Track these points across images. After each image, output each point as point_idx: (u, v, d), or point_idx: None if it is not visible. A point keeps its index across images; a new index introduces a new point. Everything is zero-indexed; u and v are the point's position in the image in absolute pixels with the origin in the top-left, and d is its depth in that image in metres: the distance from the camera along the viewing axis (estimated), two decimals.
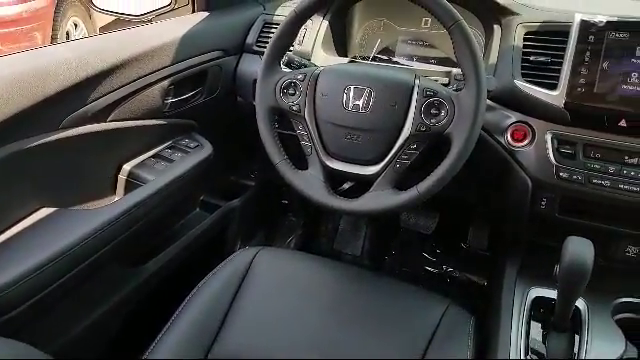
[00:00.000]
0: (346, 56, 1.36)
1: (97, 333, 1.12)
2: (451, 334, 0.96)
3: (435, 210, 1.77)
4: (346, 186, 1.18)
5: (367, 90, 0.97)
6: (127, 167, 1.14)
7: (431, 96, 0.93)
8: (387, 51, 1.36)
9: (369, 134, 0.97)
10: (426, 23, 1.32)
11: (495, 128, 1.05)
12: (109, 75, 1.04)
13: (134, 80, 1.10)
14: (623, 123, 0.93)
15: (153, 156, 1.20)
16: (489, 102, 1.06)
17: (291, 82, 1.02)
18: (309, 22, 1.29)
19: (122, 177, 1.14)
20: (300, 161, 1.05)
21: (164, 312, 0.99)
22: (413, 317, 1.00)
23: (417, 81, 0.96)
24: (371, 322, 0.99)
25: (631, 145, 0.95)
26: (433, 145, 0.97)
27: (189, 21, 1.30)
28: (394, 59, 1.34)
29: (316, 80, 1.01)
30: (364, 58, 1.37)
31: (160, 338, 0.92)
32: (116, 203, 1.05)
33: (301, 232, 1.81)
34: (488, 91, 0.99)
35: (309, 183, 1.02)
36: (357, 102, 0.97)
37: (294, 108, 1.02)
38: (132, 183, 1.12)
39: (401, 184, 0.98)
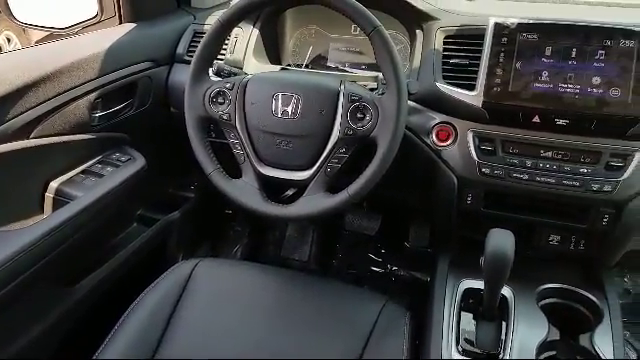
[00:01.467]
0: (280, 64, 1.38)
1: (34, 352, 1.09)
2: (388, 330, 0.98)
3: (378, 212, 1.80)
4: (290, 192, 1.20)
5: (295, 97, 0.98)
6: (54, 184, 1.11)
7: (356, 101, 0.96)
8: (320, 58, 1.39)
9: (299, 140, 0.99)
10: (355, 29, 1.35)
11: (421, 129, 1.09)
12: (30, 90, 1.01)
13: (57, 94, 1.07)
14: (537, 119, 0.99)
15: (82, 172, 1.16)
16: (414, 104, 1.10)
17: (220, 91, 1.02)
18: (239, 31, 1.30)
19: (49, 195, 1.10)
20: (235, 170, 1.06)
21: (102, 329, 0.97)
22: (352, 316, 1.02)
23: (343, 86, 0.98)
24: (312, 325, 1.01)
25: (545, 139, 1.00)
26: (362, 148, 1.00)
27: (116, 32, 1.28)
28: (328, 65, 1.37)
29: (245, 88, 1.02)
30: (297, 66, 1.39)
31: (97, 356, 0.90)
32: (42, 222, 1.02)
33: (247, 241, 1.80)
34: (411, 94, 1.03)
35: (243, 191, 1.02)
36: (286, 109, 0.99)
37: (224, 117, 1.02)
38: (60, 201, 1.09)
39: (334, 187, 1.00)
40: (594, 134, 0.97)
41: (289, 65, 1.39)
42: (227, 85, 1.02)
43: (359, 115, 0.96)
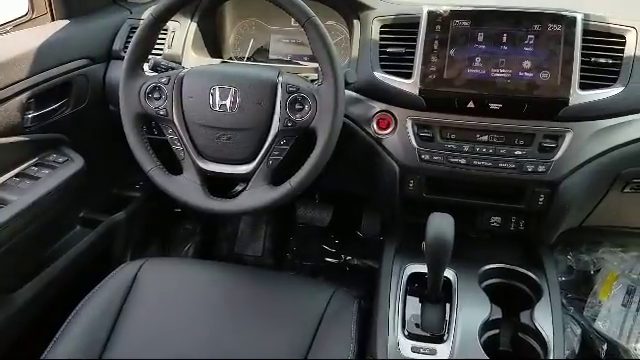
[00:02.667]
0: (221, 57, 1.36)
1: None
2: (337, 318, 1.00)
3: (329, 203, 1.81)
4: (239, 188, 1.19)
5: (232, 90, 0.97)
6: None
7: (294, 92, 0.96)
8: (262, 51, 1.38)
9: (239, 133, 0.98)
10: (295, 21, 1.34)
11: (362, 118, 1.10)
12: None
13: None
14: (471, 104, 1.01)
15: (16, 175, 1.12)
16: (354, 94, 1.10)
17: (155, 86, 1.00)
18: (177, 25, 1.27)
19: None
20: (176, 166, 1.04)
21: (47, 335, 0.94)
22: (301, 307, 1.03)
23: (280, 78, 0.98)
24: (261, 320, 1.01)
25: (480, 124, 1.03)
26: (304, 139, 1.00)
27: (48, 30, 1.23)
28: (270, 58, 1.36)
29: (181, 82, 1.00)
30: (239, 59, 1.37)
31: None
32: None
33: (199, 239, 1.78)
34: (349, 83, 1.04)
35: (184, 188, 1.01)
36: (224, 102, 0.98)
37: (161, 112, 1.00)
38: None
39: (277, 180, 1.00)
40: (527, 117, 1.00)
41: (231, 58, 1.38)
42: (163, 80, 1.00)
43: (298, 106, 0.96)
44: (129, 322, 0.98)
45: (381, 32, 1.10)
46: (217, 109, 0.98)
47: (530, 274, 1.08)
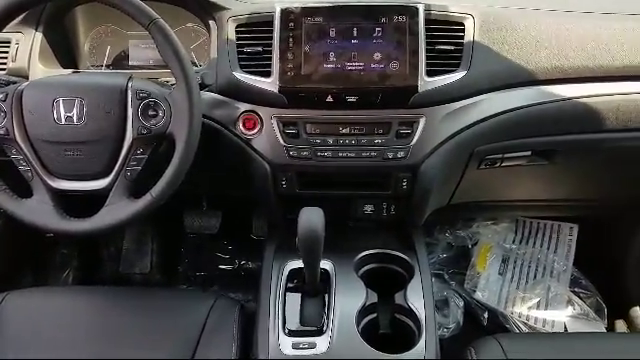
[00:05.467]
0: (76, 67, 1.28)
1: None
2: (219, 326, 1.00)
3: (217, 208, 1.78)
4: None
5: (77, 100, 0.92)
6: None
7: (145, 97, 0.92)
8: (122, 58, 1.31)
9: (90, 146, 0.93)
10: None
11: (227, 120, 1.08)
12: None
13: None
14: (330, 98, 1.03)
15: None
16: (217, 96, 1.08)
17: None
18: (20, 35, 1.17)
19: None
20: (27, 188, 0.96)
21: None
22: (182, 320, 1.01)
23: (130, 83, 0.94)
24: (141, 339, 0.98)
25: (341, 117, 1.05)
26: (165, 147, 0.97)
27: None
28: (131, 65, 1.30)
29: (20, 97, 0.93)
30: (97, 67, 1.30)
31: None
32: None
33: (77, 264, 1.66)
34: (206, 85, 1.02)
35: (34, 210, 0.94)
36: (69, 114, 0.92)
37: (1, 132, 0.92)
38: None
39: (141, 191, 0.95)
40: (382, 106, 1.04)
41: (88, 68, 1.30)
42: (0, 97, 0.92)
43: (151, 112, 0.93)
44: None
45: (237, 32, 1.09)
46: (63, 122, 0.92)
47: (403, 256, 1.13)
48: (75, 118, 0.91)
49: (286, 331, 0.98)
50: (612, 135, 1.11)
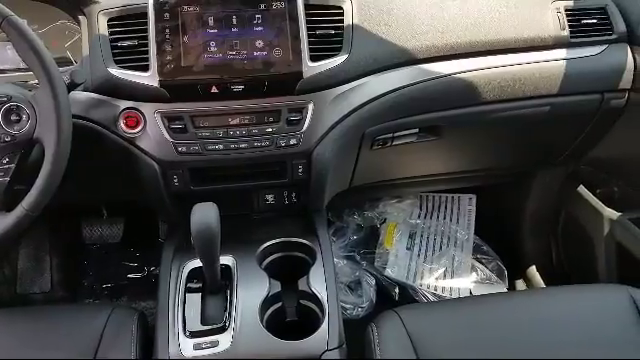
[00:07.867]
0: None
1: None
2: (116, 336, 0.95)
3: (119, 215, 1.69)
4: None
5: None
6: None
7: (5, 102, 0.85)
8: None
9: None
10: None
11: (106, 120, 1.02)
12: None
13: None
14: (215, 89, 1.00)
15: None
16: (92, 95, 1.02)
17: None
18: None
19: None
20: None
21: None
22: (77, 334, 0.96)
23: None
24: (36, 357, 0.92)
25: (229, 107, 1.03)
26: (35, 153, 0.90)
27: None
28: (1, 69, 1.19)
29: None
30: None
31: None
32: None
33: None
34: (77, 84, 0.96)
35: None
36: None
37: None
38: None
39: (13, 204, 0.87)
40: (269, 94, 1.03)
41: None
42: None
43: (14, 117, 0.86)
44: None
45: (109, 26, 1.02)
46: None
47: (304, 241, 1.13)
48: None
49: (187, 333, 0.94)
50: (489, 107, 1.18)
